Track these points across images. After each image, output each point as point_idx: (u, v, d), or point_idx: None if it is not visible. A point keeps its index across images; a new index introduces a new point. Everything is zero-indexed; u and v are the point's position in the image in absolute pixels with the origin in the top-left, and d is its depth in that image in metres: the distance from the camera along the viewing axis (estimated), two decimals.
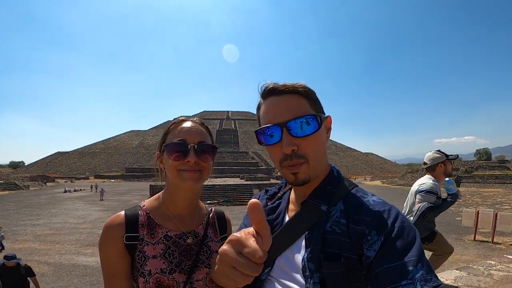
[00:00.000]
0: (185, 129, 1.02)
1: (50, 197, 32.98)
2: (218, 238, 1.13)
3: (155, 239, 0.98)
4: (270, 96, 0.79)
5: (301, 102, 0.76)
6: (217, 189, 32.56)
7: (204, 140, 1.02)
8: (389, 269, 0.61)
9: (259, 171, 65.33)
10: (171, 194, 1.05)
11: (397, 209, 0.72)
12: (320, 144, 0.78)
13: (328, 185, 0.80)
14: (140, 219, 1.00)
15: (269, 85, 0.79)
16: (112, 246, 0.94)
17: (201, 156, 0.99)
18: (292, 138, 0.74)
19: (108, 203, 27.15)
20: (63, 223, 16.42)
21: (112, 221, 0.98)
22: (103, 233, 0.97)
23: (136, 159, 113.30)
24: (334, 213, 0.75)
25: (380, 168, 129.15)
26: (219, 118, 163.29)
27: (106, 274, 0.95)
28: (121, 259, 0.95)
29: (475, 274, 5.04)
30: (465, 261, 8.43)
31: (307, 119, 0.73)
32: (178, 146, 0.97)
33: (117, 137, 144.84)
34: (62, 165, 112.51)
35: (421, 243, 0.65)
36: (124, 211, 1.02)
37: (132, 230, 0.97)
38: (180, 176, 0.97)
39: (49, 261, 8.68)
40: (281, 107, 0.76)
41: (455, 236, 12.37)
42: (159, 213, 1.04)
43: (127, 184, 61.45)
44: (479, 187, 43.13)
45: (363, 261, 0.66)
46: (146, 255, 0.95)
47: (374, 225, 0.67)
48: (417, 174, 62.09)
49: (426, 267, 0.61)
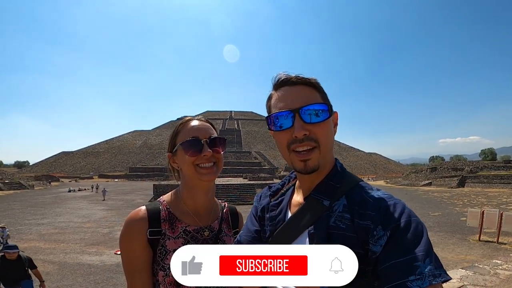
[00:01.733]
0: (195, 127, 1.09)
1: (55, 197, 33.22)
2: (231, 233, 1.19)
3: (176, 233, 1.03)
4: (283, 86, 0.81)
5: (314, 93, 0.79)
6: (220, 188, 32.57)
7: (213, 134, 1.10)
8: (396, 265, 0.60)
9: (262, 171, 65.33)
10: (190, 190, 1.10)
11: (403, 203, 0.71)
12: (329, 134, 0.80)
13: (331, 180, 0.80)
14: (162, 214, 1.05)
15: (282, 76, 0.82)
16: (135, 240, 0.98)
17: (214, 149, 1.06)
18: (304, 123, 0.75)
19: (112, 202, 27.29)
20: (67, 222, 16.54)
21: (134, 215, 1.02)
22: (126, 227, 1.00)
23: (140, 159, 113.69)
24: (337, 208, 0.75)
25: (384, 168, 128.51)
26: (222, 118, 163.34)
27: (129, 268, 0.99)
28: (144, 253, 0.98)
29: (481, 273, 5.01)
30: (470, 261, 8.37)
31: (320, 108, 0.76)
32: (193, 143, 1.04)
33: (121, 137, 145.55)
34: (66, 165, 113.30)
35: (428, 237, 0.63)
36: (145, 205, 1.07)
37: (155, 225, 1.01)
38: (198, 171, 1.04)
39: (54, 260, 8.75)
40: (294, 95, 0.78)
41: (459, 236, 12.29)
42: (178, 209, 1.09)
43: (130, 183, 61.75)
44: (484, 187, 42.73)
45: (370, 256, 0.65)
46: (167, 249, 0.99)
47: (379, 220, 0.67)
48: (421, 174, 61.80)
49: (434, 262, 0.59)
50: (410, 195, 34.67)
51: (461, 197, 31.23)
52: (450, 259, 9.04)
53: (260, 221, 0.93)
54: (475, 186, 44.59)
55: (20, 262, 4.93)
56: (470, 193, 35.26)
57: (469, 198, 30.00)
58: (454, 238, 11.94)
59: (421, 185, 51.31)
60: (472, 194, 34.53)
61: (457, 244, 10.94)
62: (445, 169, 58.68)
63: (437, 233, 12.99)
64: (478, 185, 44.45)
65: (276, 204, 0.91)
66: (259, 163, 76.32)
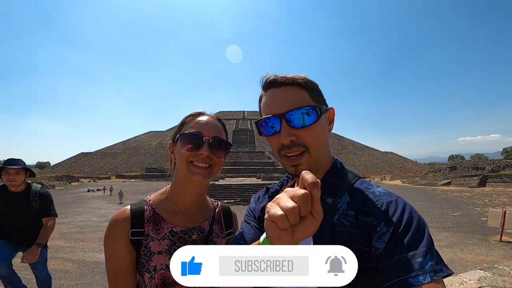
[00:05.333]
0: (202, 122, 1.01)
1: (75, 196, 34.23)
2: (223, 234, 1.12)
3: (161, 234, 0.98)
4: (270, 88, 0.79)
5: (301, 94, 0.76)
6: (234, 188, 32.78)
7: (219, 135, 1.01)
8: (399, 261, 0.61)
9: (275, 171, 65.14)
10: (179, 188, 1.03)
11: (404, 199, 0.71)
12: (320, 135, 0.77)
13: (332, 178, 0.80)
14: (146, 214, 0.99)
15: (270, 77, 0.80)
16: (117, 241, 0.94)
17: (214, 151, 0.98)
18: (290, 128, 0.74)
19: (128, 202, 27.32)
20: (86, 221, 17.06)
21: (117, 216, 0.97)
22: (109, 228, 0.96)
23: (155, 160, 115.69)
24: (341, 206, 0.74)
25: (400, 168, 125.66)
26: (235, 118, 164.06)
27: (111, 270, 0.95)
28: (126, 255, 0.94)
29: (500, 274, 4.84)
30: (490, 262, 8.09)
31: (306, 110, 0.73)
32: (193, 137, 0.97)
33: (137, 137, 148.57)
34: (85, 165, 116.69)
35: (429, 233, 0.64)
36: (130, 205, 1.02)
37: (138, 225, 0.96)
38: (190, 169, 0.97)
39: (73, 259, 9.02)
40: (280, 99, 0.76)
41: (480, 236, 11.87)
42: (165, 208, 1.03)
43: (146, 183, 62.84)
44: (506, 186, 41.10)
45: (373, 252, 0.66)
46: (151, 250, 0.95)
47: (382, 216, 0.67)
48: (440, 173, 60.07)
49: (436, 257, 0.60)
50: (428, 195, 33.78)
51: (482, 197, 30.16)
52: (470, 259, 8.76)
53: (260, 222, 0.91)
54: (497, 185, 42.95)
55: (30, 200, 3.23)
56: (492, 193, 34.00)
57: (490, 198, 28.94)
58: (474, 239, 11.56)
59: (440, 185, 49.89)
60: (494, 194, 33.28)
61: (477, 245, 10.59)
62: (465, 168, 56.81)
63: (456, 234, 12.61)
64: (500, 184, 42.81)
65: None
66: (273, 163, 76.05)
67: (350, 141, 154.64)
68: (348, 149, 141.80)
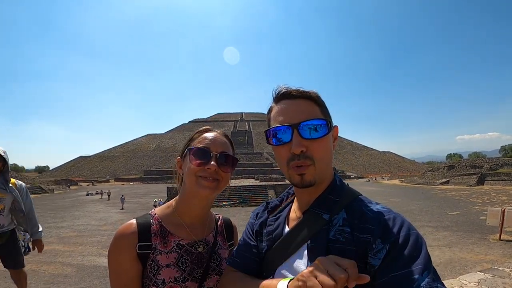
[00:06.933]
0: (209, 137, 1.04)
1: (74, 200, 34.13)
2: (226, 245, 1.15)
3: (168, 248, 0.98)
4: (283, 100, 0.81)
5: (313, 108, 0.79)
6: (233, 190, 32.69)
7: (226, 151, 1.04)
8: (394, 278, 0.60)
9: (274, 172, 65.09)
10: (186, 202, 1.05)
11: (403, 216, 0.71)
12: (327, 149, 0.79)
13: (330, 194, 0.81)
14: (153, 228, 1.00)
15: (283, 89, 0.82)
16: (123, 255, 0.94)
17: (221, 166, 1.00)
18: (302, 139, 0.75)
19: (127, 205, 27.74)
20: (85, 225, 16.96)
21: (124, 229, 0.97)
22: (115, 241, 0.96)
23: (154, 162, 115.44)
24: (337, 222, 0.75)
25: (399, 167, 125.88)
26: (233, 120, 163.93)
27: (117, 284, 0.94)
28: (132, 268, 0.94)
29: (500, 276, 4.84)
30: (489, 261, 8.12)
31: (318, 123, 0.76)
32: (201, 152, 0.99)
33: (135, 140, 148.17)
34: (84, 169, 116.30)
35: (427, 251, 0.64)
36: (135, 219, 1.01)
37: (145, 239, 0.96)
38: (198, 183, 0.98)
39: (72, 263, 8.98)
40: (293, 110, 0.78)
41: (479, 235, 11.91)
42: (171, 222, 1.04)
43: (145, 186, 62.75)
44: (504, 185, 41.24)
45: (368, 269, 0.65)
46: (159, 264, 0.95)
47: (378, 233, 0.67)
48: (438, 172, 60.24)
49: (432, 275, 0.60)
50: (427, 194, 33.86)
51: (481, 195, 30.26)
52: (469, 259, 8.78)
53: (257, 237, 0.94)
54: (495, 184, 43.11)
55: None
56: (490, 191, 34.12)
57: (489, 196, 29.04)
58: (473, 238, 11.59)
59: (438, 184, 50.04)
60: (492, 192, 33.40)
61: (476, 244, 10.61)
62: (463, 166, 57.03)
63: (455, 233, 12.64)
64: (498, 182, 42.98)
65: (274, 219, 0.92)
66: (271, 164, 75.98)
67: (348, 141, 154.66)
68: (346, 149, 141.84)
